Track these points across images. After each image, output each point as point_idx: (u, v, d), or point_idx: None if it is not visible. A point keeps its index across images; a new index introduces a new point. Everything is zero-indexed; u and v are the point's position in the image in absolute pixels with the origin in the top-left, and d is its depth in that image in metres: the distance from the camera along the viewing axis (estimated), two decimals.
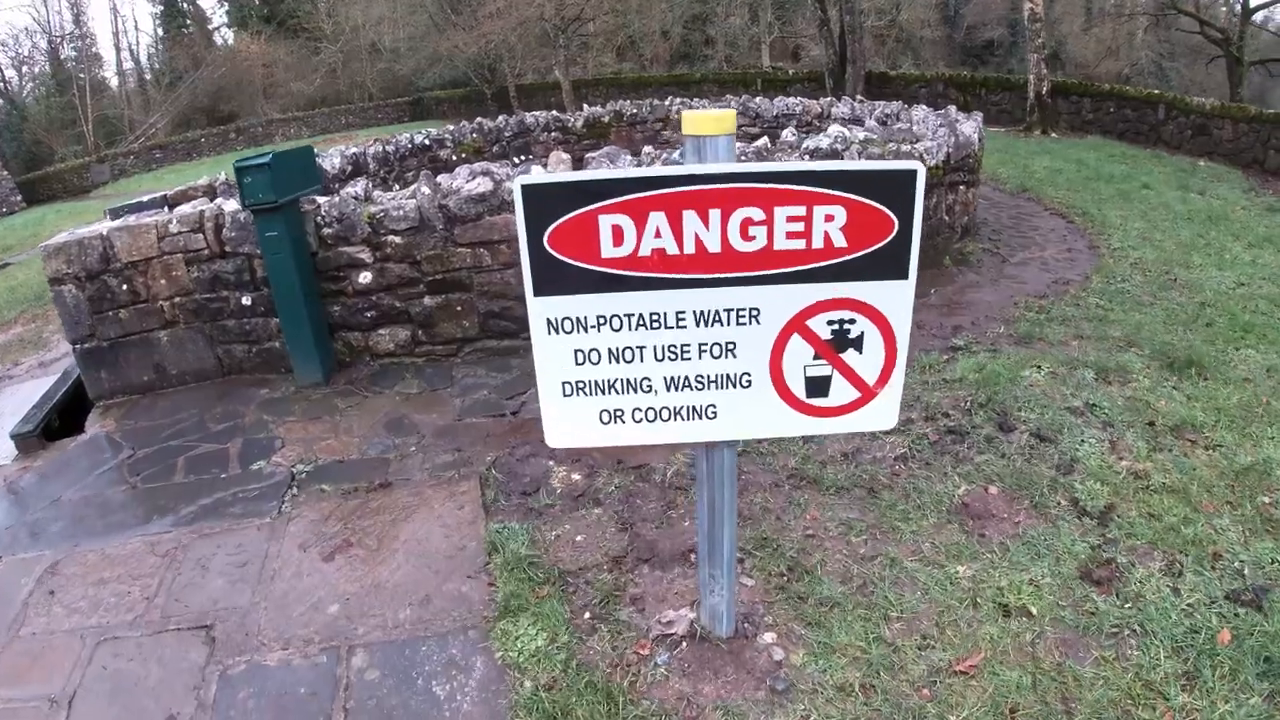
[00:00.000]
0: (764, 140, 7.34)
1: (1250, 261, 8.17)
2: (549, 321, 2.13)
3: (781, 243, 1.99)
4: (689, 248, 1.99)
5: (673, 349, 2.14)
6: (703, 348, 2.14)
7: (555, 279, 2.07)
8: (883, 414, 2.33)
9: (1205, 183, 13.53)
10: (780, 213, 1.94)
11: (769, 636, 3.04)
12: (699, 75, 27.66)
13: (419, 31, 36.59)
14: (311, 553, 3.69)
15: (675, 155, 6.17)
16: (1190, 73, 40.25)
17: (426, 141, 11.59)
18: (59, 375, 6.45)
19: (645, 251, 2.00)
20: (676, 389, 2.20)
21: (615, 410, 2.23)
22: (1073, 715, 2.70)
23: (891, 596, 3.24)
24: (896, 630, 3.08)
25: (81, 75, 35.53)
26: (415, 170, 11.33)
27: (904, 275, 2.12)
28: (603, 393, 2.21)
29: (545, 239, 2.02)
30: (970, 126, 8.52)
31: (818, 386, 2.24)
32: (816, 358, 2.20)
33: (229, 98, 39.43)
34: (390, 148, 10.76)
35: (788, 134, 7.31)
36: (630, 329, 2.10)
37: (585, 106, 14.03)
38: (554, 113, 13.68)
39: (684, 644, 3.01)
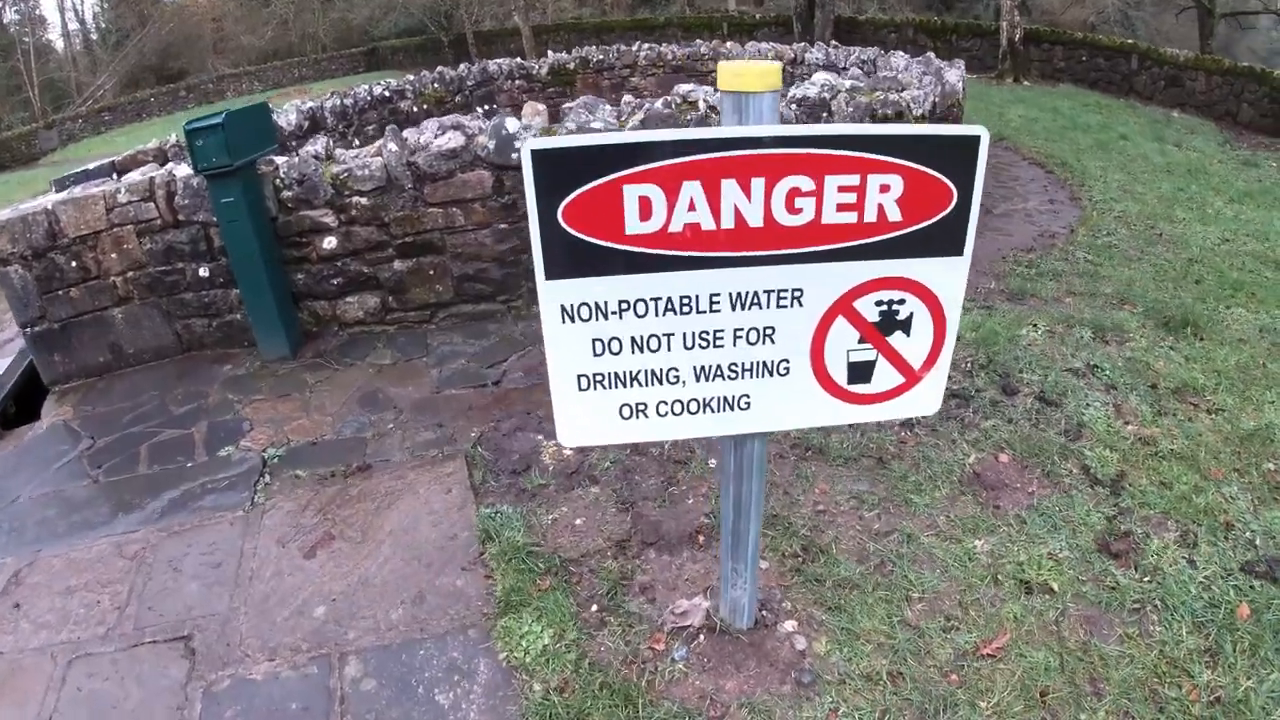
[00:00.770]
0: None
1: (1233, 217, 8.10)
2: (563, 309, 1.86)
3: (831, 216, 1.73)
4: (727, 222, 1.71)
5: (704, 336, 1.88)
6: (738, 334, 1.88)
7: (572, 260, 1.79)
8: (926, 399, 2.11)
9: (1180, 134, 13.62)
10: (831, 182, 1.67)
11: (790, 625, 2.85)
12: (662, 20, 26.94)
13: None
14: (291, 548, 3.40)
15: (658, 105, 5.85)
16: (1156, 22, 40.11)
17: (386, 93, 11.06)
18: (11, 358, 6.03)
19: (676, 227, 1.72)
20: (707, 379, 1.95)
21: (638, 404, 1.97)
22: (1101, 696, 2.58)
23: (911, 576, 3.07)
24: (919, 612, 2.91)
25: (25, 39, 33.75)
26: (376, 124, 10.82)
27: (959, 251, 1.89)
28: (624, 385, 1.94)
29: (560, 213, 1.74)
30: (955, 74, 8.27)
31: (860, 372, 2.00)
32: (861, 341, 1.95)
33: (177, 55, 37.83)
34: (348, 101, 10.24)
35: None
36: (657, 315, 1.84)
37: (550, 53, 13.50)
38: (518, 60, 13.16)
39: (701, 636, 2.80)
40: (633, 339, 1.87)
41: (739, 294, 1.82)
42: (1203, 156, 11.62)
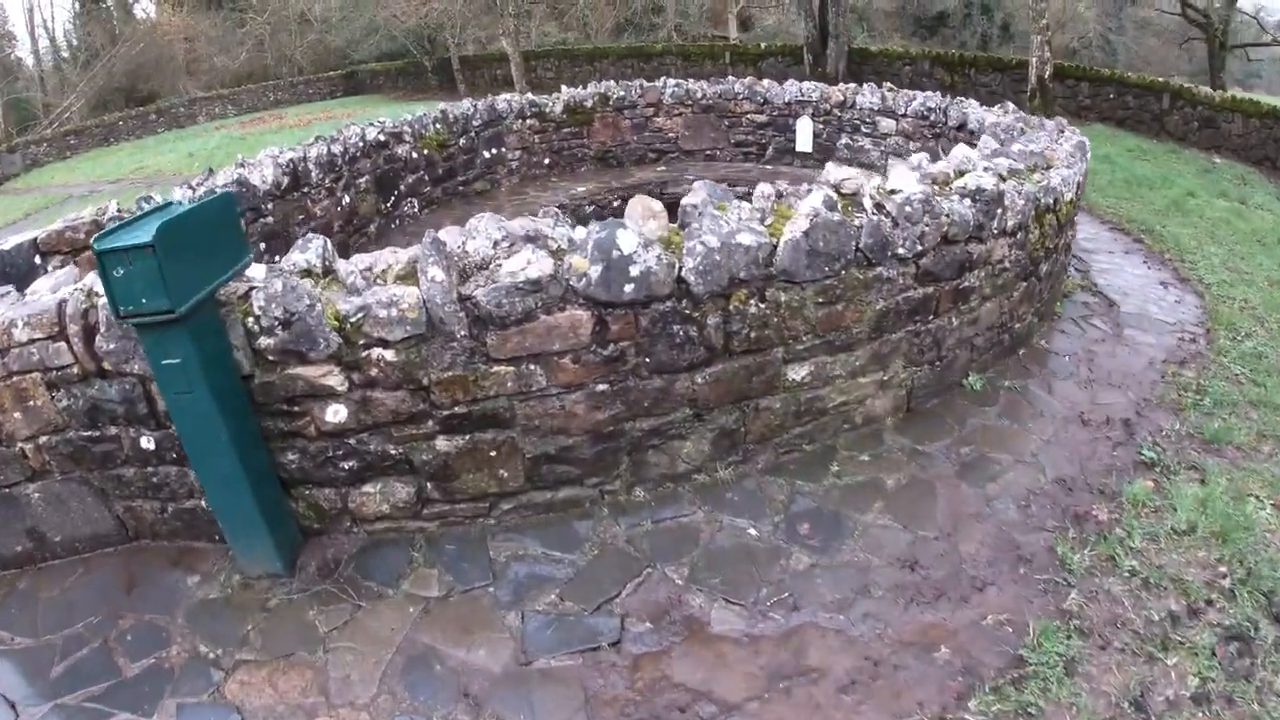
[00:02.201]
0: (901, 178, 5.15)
1: None
2: None
3: None
4: None
5: None
6: None
7: None
8: None
9: (1233, 185, 12.64)
10: None
11: None
12: (660, 47, 25.10)
13: (352, 0, 33.06)
14: None
15: (817, 203, 3.95)
16: (1138, 48, 39.23)
17: (381, 136, 9.10)
18: None
19: None
20: None
21: None
22: None
23: None
24: None
25: None
26: (370, 176, 8.86)
27: None
28: None
29: None
30: (1075, 140, 6.52)
31: None
32: None
33: (148, 76, 35.40)
34: (336, 148, 8.27)
35: (918, 161, 5.15)
36: None
37: (565, 89, 11.61)
38: (529, 97, 11.25)
39: None
40: None
41: None
42: (1277, 219, 10.55)
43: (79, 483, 3.73)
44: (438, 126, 10.05)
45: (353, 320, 3.25)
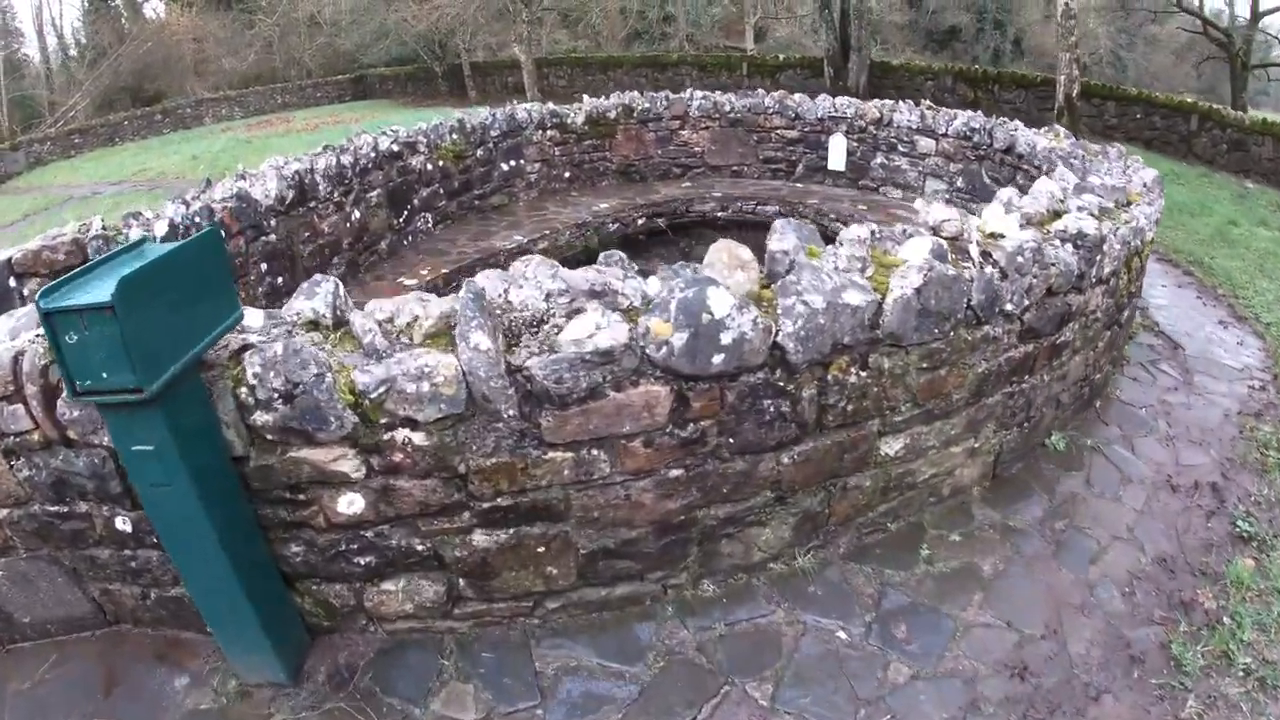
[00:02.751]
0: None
1: None
2: None
3: None
4: None
5: None
6: None
7: None
8: None
9: (1270, 213, 12.22)
10: None
11: None
12: (676, 57, 24.42)
13: (362, 4, 32.35)
14: None
15: (927, 254, 3.28)
16: (1147, 64, 38.68)
17: (394, 147, 8.44)
18: None
19: None
20: None
21: None
22: None
23: None
24: None
25: None
26: (383, 189, 8.20)
27: None
28: None
29: None
30: (1150, 175, 5.87)
31: None
32: None
33: (155, 76, 34.69)
34: (346, 159, 7.61)
35: (1007, 197, 4.47)
36: None
37: (586, 99, 10.96)
38: (550, 106, 10.59)
39: None
40: None
41: None
42: None
43: (48, 561, 3.10)
44: (454, 136, 9.40)
45: (373, 396, 2.57)
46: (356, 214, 7.73)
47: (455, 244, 8.73)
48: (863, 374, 3.12)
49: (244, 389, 2.62)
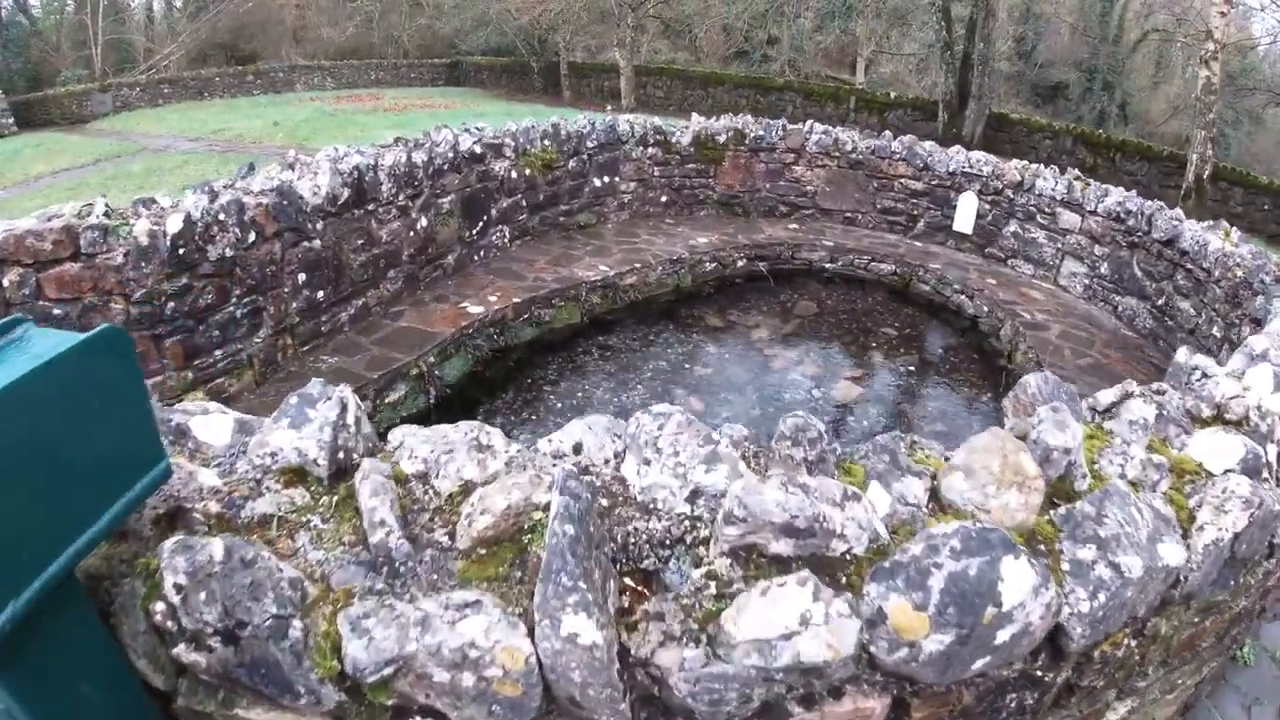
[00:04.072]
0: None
1: None
2: None
3: None
4: None
5: None
6: None
7: None
8: None
9: None
10: None
11: None
12: (781, 82, 23.00)
13: None
14: None
15: (1252, 493, 1.89)
16: (1249, 142, 36.09)
17: (476, 148, 7.22)
18: None
19: None
20: None
21: None
22: None
23: None
24: None
25: None
26: (458, 194, 6.96)
27: None
28: None
29: None
30: None
31: None
32: None
33: (252, 36, 34.33)
34: (419, 156, 6.39)
35: (1262, 346, 3.02)
36: None
37: (696, 117, 9.64)
38: (654, 122, 9.31)
39: None
40: None
41: None
42: None
43: None
44: (546, 143, 8.15)
45: (371, 681, 1.26)
46: (424, 221, 6.50)
47: (532, 266, 7.46)
48: (1133, 643, 1.80)
49: (160, 606, 1.33)
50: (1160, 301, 7.04)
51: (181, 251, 4.31)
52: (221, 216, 4.49)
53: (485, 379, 6.16)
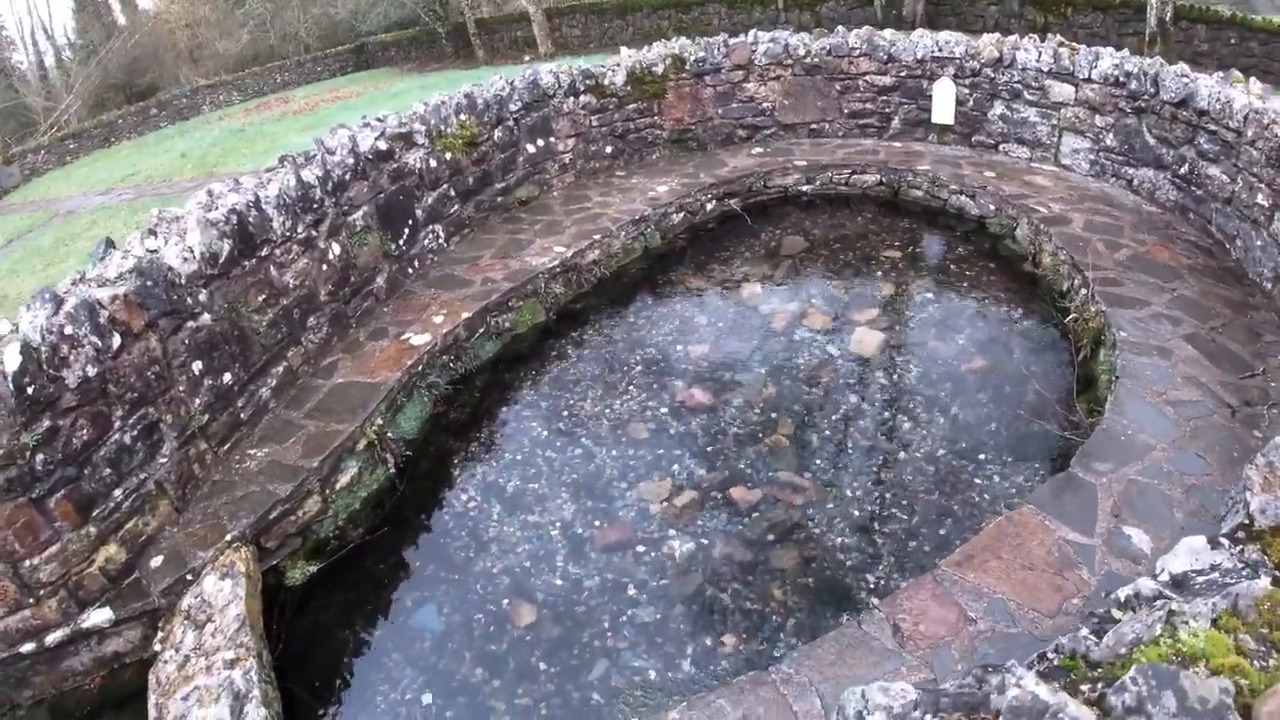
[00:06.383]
0: None
1: None
2: None
3: None
4: None
5: None
6: None
7: None
8: None
9: None
10: None
11: None
12: None
13: None
14: None
15: None
16: None
17: (381, 145, 5.99)
18: None
19: None
20: None
21: None
22: None
23: None
24: None
25: None
26: (370, 204, 5.81)
27: None
28: None
29: None
30: None
31: None
32: None
33: (145, 69, 32.02)
34: (311, 173, 5.19)
35: None
36: None
37: (626, 51, 8.37)
38: (582, 66, 8.04)
39: None
40: None
41: None
42: None
43: None
44: (463, 117, 6.93)
45: None
46: (335, 248, 5.35)
47: (478, 265, 6.33)
48: None
49: None
50: (1183, 170, 5.97)
51: (30, 390, 3.18)
52: (69, 330, 3.36)
53: (450, 421, 5.10)
